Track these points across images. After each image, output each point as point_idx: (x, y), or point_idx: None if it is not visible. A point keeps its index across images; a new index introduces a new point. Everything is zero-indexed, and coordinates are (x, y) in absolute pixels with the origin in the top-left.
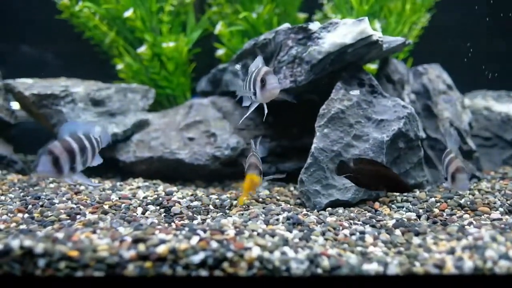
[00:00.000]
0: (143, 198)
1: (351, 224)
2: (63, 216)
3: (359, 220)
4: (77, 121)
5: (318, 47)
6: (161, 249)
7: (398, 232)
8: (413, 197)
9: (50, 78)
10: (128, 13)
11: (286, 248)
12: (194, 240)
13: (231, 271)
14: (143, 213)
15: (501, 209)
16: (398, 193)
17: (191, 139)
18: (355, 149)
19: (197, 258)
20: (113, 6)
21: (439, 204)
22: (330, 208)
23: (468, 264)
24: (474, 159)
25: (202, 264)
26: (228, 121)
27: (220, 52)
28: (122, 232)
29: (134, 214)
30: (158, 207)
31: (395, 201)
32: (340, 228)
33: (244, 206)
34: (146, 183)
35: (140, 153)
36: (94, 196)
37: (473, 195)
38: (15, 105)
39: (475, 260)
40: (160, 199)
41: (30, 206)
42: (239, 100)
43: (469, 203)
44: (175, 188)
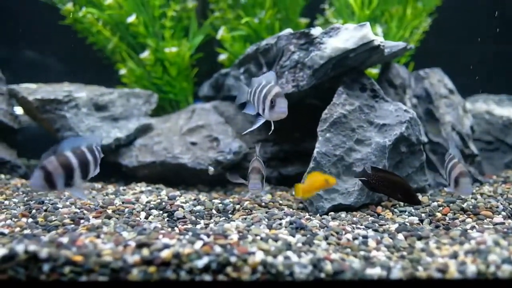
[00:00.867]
0: (146, 202)
1: (353, 228)
2: (67, 220)
3: (361, 225)
4: (80, 135)
5: (320, 52)
6: (165, 253)
7: (400, 236)
8: None
9: (54, 83)
10: (131, 18)
11: (289, 253)
12: (198, 244)
13: (234, 276)
14: (146, 217)
15: (503, 213)
16: (409, 204)
17: (193, 143)
18: (357, 153)
19: (201, 263)
20: (116, 11)
21: (441, 208)
22: (332, 213)
23: (471, 269)
24: (476, 163)
25: (206, 268)
26: (231, 125)
27: (222, 57)
28: (126, 237)
29: (138, 218)
30: (161, 212)
31: (397, 205)
32: (343, 232)
33: (247, 211)
34: (149, 188)
35: (143, 157)
36: (97, 201)
37: (475, 199)
38: (18, 110)
39: (478, 264)
40: (163, 203)
41: (34, 211)
42: (239, 106)
43: (471, 207)
44: (178, 192)
